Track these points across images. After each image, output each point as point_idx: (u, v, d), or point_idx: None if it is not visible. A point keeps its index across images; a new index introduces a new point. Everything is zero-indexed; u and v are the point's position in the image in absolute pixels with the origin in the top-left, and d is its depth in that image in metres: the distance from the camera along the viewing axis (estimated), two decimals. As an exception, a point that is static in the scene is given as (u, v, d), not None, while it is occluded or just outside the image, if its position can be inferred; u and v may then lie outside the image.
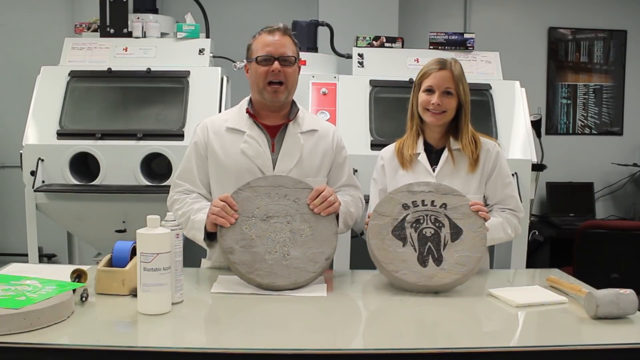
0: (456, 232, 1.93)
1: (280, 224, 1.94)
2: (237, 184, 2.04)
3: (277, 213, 1.96)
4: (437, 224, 1.95)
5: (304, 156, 2.15)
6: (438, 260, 1.88)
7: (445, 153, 2.24)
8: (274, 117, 2.18)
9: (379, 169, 2.35)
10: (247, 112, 2.17)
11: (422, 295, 1.85)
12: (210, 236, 2.02)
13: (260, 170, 2.11)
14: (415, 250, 1.90)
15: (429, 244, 1.91)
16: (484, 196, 2.26)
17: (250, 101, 2.21)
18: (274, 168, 2.12)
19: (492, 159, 2.25)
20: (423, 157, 2.25)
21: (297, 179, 2.03)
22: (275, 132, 2.17)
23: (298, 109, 2.21)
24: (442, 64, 2.20)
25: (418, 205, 1.98)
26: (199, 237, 2.03)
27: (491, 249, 2.60)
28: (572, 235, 3.74)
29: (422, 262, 1.88)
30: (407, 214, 1.97)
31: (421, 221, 1.95)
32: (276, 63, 2.09)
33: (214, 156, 2.15)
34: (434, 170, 2.23)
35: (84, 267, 1.82)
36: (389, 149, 2.35)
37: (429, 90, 2.19)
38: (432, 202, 1.99)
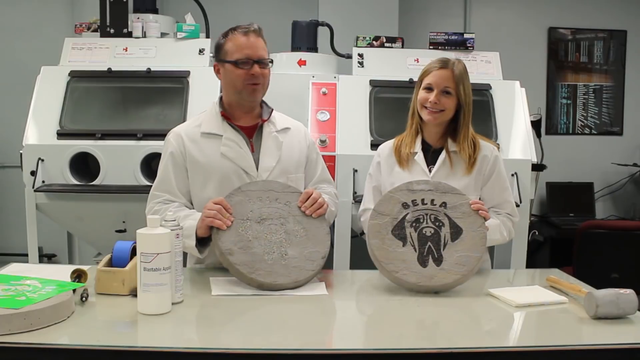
0: (456, 232, 1.93)
1: (275, 226, 1.97)
2: (222, 187, 2.06)
3: (271, 215, 1.99)
4: (437, 224, 1.95)
5: (283, 153, 2.17)
6: (438, 260, 1.88)
7: (443, 154, 2.24)
8: (247, 118, 2.18)
9: (375, 165, 2.36)
10: (223, 114, 2.15)
11: (422, 295, 1.85)
12: (200, 242, 2.01)
13: (244, 171, 2.11)
14: (415, 250, 1.90)
15: (429, 243, 1.91)
16: (480, 199, 2.26)
17: (221, 104, 2.19)
18: (257, 167, 2.13)
19: (489, 165, 2.24)
20: (420, 157, 2.25)
21: (285, 184, 2.08)
22: (251, 133, 2.17)
23: (272, 109, 2.22)
24: (444, 63, 2.20)
25: (418, 204, 1.98)
26: (189, 244, 1.98)
27: (491, 249, 2.60)
28: (572, 235, 3.75)
29: (422, 262, 1.88)
30: (407, 213, 1.97)
31: (421, 220, 1.95)
32: (256, 66, 2.08)
33: (195, 163, 2.12)
34: (430, 171, 2.23)
35: (84, 267, 1.82)
36: (387, 146, 2.36)
37: (428, 88, 2.20)
38: (432, 200, 1.99)
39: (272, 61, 2.16)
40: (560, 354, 1.47)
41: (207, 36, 3.51)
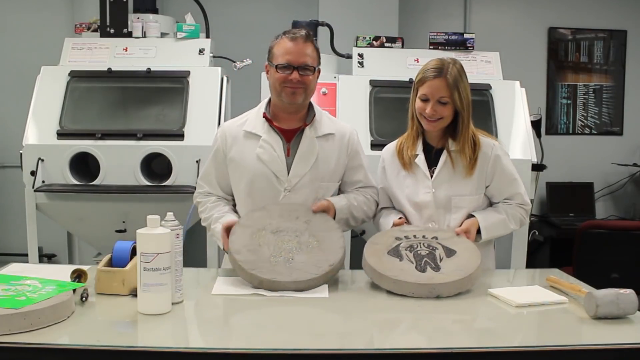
0: (450, 252, 2.00)
1: (289, 236, 2.01)
2: (253, 187, 2.15)
3: (288, 229, 2.02)
4: (430, 248, 2.02)
5: (319, 160, 2.17)
6: (436, 268, 1.91)
7: (444, 155, 2.22)
8: (290, 120, 2.20)
9: (380, 171, 2.36)
10: (264, 116, 2.19)
11: (422, 295, 1.85)
12: None
13: (274, 175, 2.15)
14: (413, 263, 1.94)
15: (425, 259, 1.96)
16: (485, 195, 2.26)
17: (269, 103, 2.23)
18: (288, 172, 2.15)
19: (489, 163, 2.22)
20: (420, 160, 2.23)
21: (309, 210, 2.10)
22: (291, 136, 2.19)
23: (315, 114, 2.22)
24: (438, 71, 2.14)
25: (410, 238, 2.07)
26: (219, 245, 2.13)
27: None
28: (572, 235, 3.74)
29: (421, 270, 1.91)
30: (401, 242, 2.04)
31: (414, 246, 2.02)
32: (295, 73, 2.10)
33: (232, 161, 2.21)
34: (433, 172, 2.23)
35: (84, 267, 1.82)
36: (390, 149, 2.35)
37: (425, 99, 2.17)
38: (423, 236, 2.08)
39: (315, 68, 2.15)
40: (560, 354, 1.47)
41: (207, 36, 3.52)
